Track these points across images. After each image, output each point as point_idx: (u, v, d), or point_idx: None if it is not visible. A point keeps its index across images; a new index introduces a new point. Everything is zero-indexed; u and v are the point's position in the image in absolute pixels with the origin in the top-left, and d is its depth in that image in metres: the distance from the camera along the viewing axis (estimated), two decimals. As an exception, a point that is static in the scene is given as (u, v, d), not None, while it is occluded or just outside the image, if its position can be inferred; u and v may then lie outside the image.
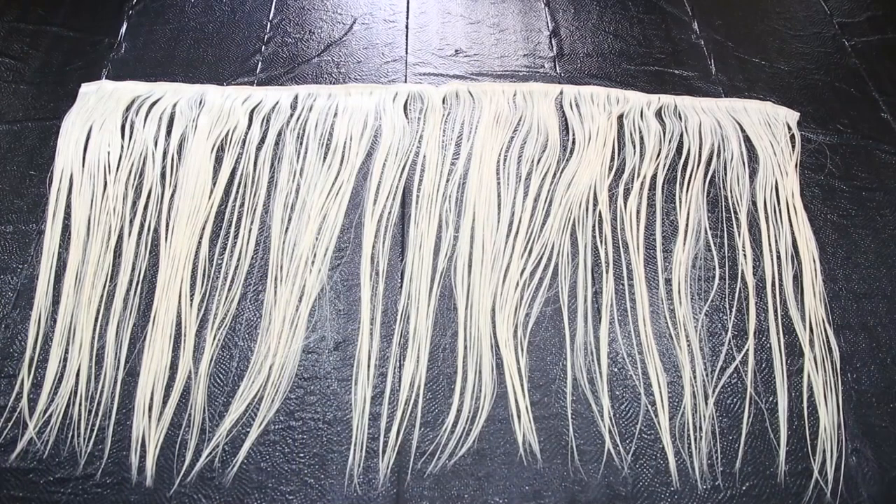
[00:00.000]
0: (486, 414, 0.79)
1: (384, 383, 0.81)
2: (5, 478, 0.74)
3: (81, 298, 0.85)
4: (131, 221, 0.92)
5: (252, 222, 0.93)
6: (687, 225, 0.96)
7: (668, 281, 0.91)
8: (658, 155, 1.03)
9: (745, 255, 0.93)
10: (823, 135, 1.09)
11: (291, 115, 1.05)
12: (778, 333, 0.87)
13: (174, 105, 1.05)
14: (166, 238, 0.91)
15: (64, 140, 0.99)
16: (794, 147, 1.06)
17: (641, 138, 1.05)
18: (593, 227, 0.95)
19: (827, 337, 0.87)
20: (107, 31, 1.19)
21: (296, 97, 1.08)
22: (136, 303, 0.85)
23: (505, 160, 1.01)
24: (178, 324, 0.84)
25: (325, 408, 0.79)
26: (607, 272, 0.90)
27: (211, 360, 0.82)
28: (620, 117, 1.08)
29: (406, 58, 1.17)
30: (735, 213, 0.97)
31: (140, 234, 0.91)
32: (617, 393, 0.82)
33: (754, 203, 0.99)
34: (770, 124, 1.09)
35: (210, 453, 0.76)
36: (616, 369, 0.84)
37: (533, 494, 0.75)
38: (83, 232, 0.90)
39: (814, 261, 0.93)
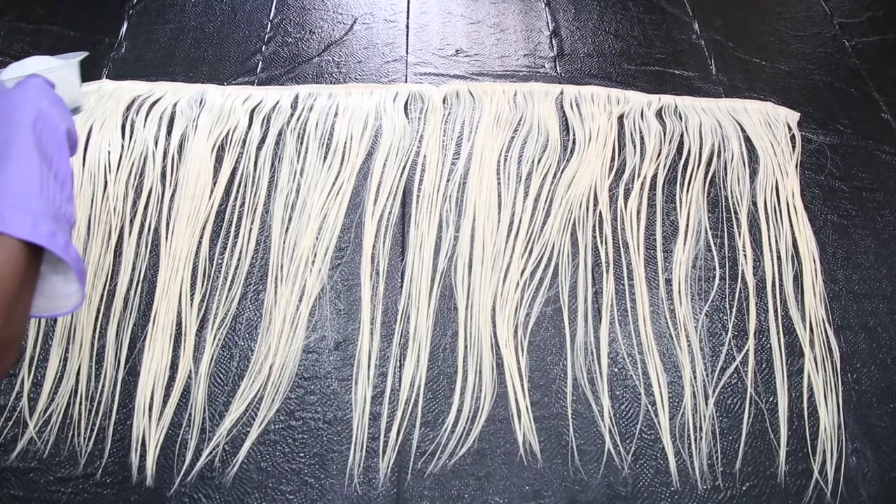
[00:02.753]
0: (487, 414, 0.79)
1: (384, 383, 0.81)
2: (6, 477, 0.74)
3: (82, 298, 0.85)
4: (132, 221, 0.92)
5: (252, 222, 0.93)
6: (687, 225, 0.95)
7: (668, 281, 0.91)
8: (658, 155, 1.03)
9: (745, 256, 0.93)
10: (824, 135, 1.09)
11: (292, 115, 1.05)
12: (778, 334, 0.87)
13: (174, 105, 1.05)
14: (167, 238, 0.91)
15: (64, 139, 0.99)
16: (794, 147, 1.06)
17: (642, 138, 1.05)
18: (593, 227, 0.95)
19: (827, 337, 0.87)
20: (107, 31, 1.19)
21: (296, 97, 1.08)
22: (136, 302, 0.85)
23: (505, 160, 1.01)
24: (179, 323, 0.84)
25: (326, 407, 0.79)
26: (607, 272, 0.90)
27: (211, 359, 0.82)
28: (621, 117, 1.08)
29: (406, 58, 1.17)
30: (735, 213, 0.97)
31: (140, 233, 0.91)
32: (617, 393, 0.82)
33: (754, 203, 0.99)
34: (770, 124, 1.09)
35: (210, 453, 0.76)
36: (616, 369, 0.84)
37: (533, 494, 0.75)
38: (83, 232, 0.90)
39: (814, 261, 0.93)
